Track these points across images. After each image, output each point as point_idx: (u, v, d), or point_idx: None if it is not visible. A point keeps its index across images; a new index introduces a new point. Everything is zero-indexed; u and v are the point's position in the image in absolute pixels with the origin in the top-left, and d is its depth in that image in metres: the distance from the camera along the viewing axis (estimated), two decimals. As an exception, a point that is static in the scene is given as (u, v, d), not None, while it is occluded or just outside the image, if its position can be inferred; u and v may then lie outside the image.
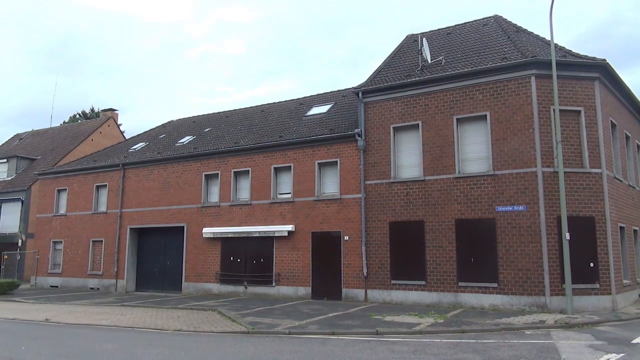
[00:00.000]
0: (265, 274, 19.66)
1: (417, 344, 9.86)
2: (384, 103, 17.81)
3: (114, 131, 39.46)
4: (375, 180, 17.60)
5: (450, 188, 16.18)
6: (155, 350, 9.72)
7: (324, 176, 19.18)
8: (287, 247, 19.22)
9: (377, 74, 19.14)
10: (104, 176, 25.50)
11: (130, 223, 23.99)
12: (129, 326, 13.00)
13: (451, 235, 15.95)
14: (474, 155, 16.13)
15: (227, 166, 21.44)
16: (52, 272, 26.61)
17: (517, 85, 15.56)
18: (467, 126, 16.38)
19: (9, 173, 34.95)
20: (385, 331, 11.16)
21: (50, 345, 10.44)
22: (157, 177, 23.49)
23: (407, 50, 20.54)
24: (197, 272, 21.54)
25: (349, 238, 17.88)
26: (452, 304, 15.47)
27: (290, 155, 19.82)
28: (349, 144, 18.41)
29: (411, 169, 17.15)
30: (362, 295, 17.24)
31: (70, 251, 26.02)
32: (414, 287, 16.30)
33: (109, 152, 28.55)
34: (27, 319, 14.71)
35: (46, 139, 39.72)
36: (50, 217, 27.20)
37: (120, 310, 16.67)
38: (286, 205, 19.56)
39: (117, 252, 24.07)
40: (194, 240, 21.78)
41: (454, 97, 16.54)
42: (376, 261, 17.16)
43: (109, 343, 10.53)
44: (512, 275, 14.80)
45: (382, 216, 17.27)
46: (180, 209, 22.46)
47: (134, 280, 24.03)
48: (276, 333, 11.42)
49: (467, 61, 17.24)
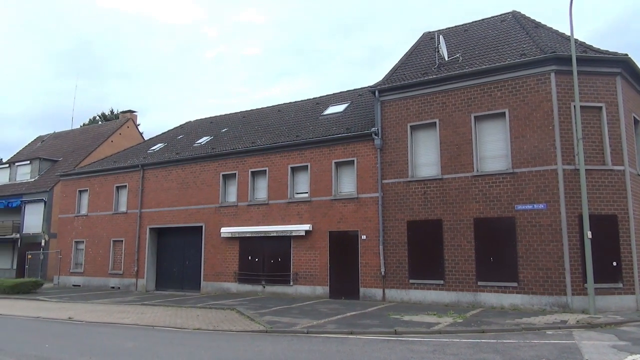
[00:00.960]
0: (283, 273, 19.72)
1: (436, 343, 9.79)
2: (401, 101, 17.72)
3: (133, 132, 40.03)
4: (392, 179, 17.52)
5: (468, 186, 16.03)
6: (175, 349, 9.83)
7: (340, 175, 19.16)
8: (305, 247, 19.26)
9: (394, 73, 19.05)
10: (124, 177, 25.87)
11: (150, 223, 24.30)
12: (149, 325, 13.18)
13: (470, 234, 15.79)
14: (493, 153, 15.95)
15: (245, 166, 21.57)
16: (74, 272, 27.10)
17: (536, 82, 15.34)
18: (485, 124, 16.20)
19: (32, 175, 35.72)
20: (403, 331, 11.11)
21: (74, 343, 10.63)
22: (176, 178, 23.75)
23: (424, 48, 20.39)
24: (215, 271, 21.72)
25: (366, 237, 17.83)
26: (471, 303, 15.32)
27: (307, 155, 19.85)
28: (365, 143, 18.37)
29: (429, 168, 17.03)
30: (379, 295, 17.19)
31: (91, 251, 26.47)
32: (433, 286, 16.19)
33: (128, 153, 28.96)
34: (50, 318, 15.01)
35: (67, 140, 40.47)
36: (72, 218, 27.70)
37: (141, 309, 16.90)
38: (303, 205, 19.60)
39: (137, 251, 24.40)
40: (212, 239, 21.97)
41: (471, 95, 16.37)
42: (394, 260, 17.09)
43: (130, 341, 10.69)
44: (532, 274, 14.60)
45: (400, 215, 17.19)
46: (198, 209, 22.67)
47: (153, 279, 24.33)
48: (294, 332, 11.45)
49: (485, 58, 17.05)
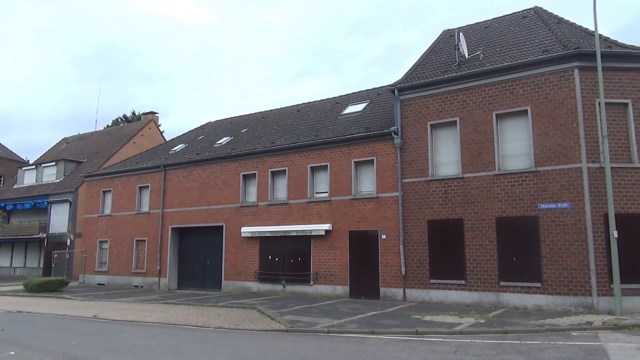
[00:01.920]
0: (303, 272, 19.78)
1: (458, 344, 9.70)
2: (421, 100, 17.59)
3: (154, 133, 40.62)
4: (412, 178, 17.41)
5: (490, 185, 15.83)
6: (197, 347, 9.95)
7: (360, 175, 19.12)
8: (325, 246, 19.28)
9: (414, 71, 18.92)
10: (146, 177, 26.27)
11: (172, 223, 24.63)
12: (172, 323, 13.36)
13: (492, 234, 15.60)
14: (515, 151, 15.72)
15: (264, 166, 21.69)
16: (98, 271, 27.63)
17: (559, 79, 15.06)
18: (507, 122, 15.98)
19: (57, 175, 36.52)
20: (425, 331, 11.03)
21: (99, 340, 10.85)
22: (197, 178, 24.01)
23: (444, 46, 20.21)
24: (236, 270, 21.90)
25: (386, 237, 17.77)
26: (493, 304, 15.14)
27: (327, 155, 19.86)
28: (385, 142, 18.29)
29: (449, 167, 16.88)
30: (400, 295, 17.10)
31: (115, 250, 26.95)
32: (454, 286, 16.05)
33: (150, 153, 29.39)
34: (76, 316, 15.33)
35: (91, 142, 41.27)
36: (97, 218, 28.24)
37: (164, 307, 17.14)
38: (323, 204, 19.62)
39: (160, 251, 24.75)
40: (232, 239, 22.15)
41: (493, 92, 16.17)
42: (414, 260, 16.98)
43: (154, 339, 10.86)
44: (556, 274, 14.35)
45: (420, 214, 17.07)
46: (219, 209, 22.89)
47: (175, 278, 24.66)
48: (315, 332, 11.48)
49: (506, 55, 16.82)
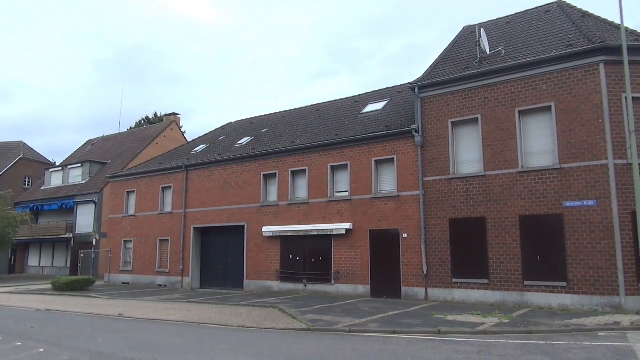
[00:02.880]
0: (324, 272, 19.80)
1: (482, 344, 9.59)
2: (442, 97, 17.43)
3: (176, 134, 41.17)
4: (433, 176, 17.26)
5: (513, 183, 15.59)
6: (220, 345, 10.05)
7: (380, 173, 19.04)
8: (346, 245, 19.26)
9: (434, 68, 18.75)
10: (169, 178, 26.63)
11: (194, 222, 24.92)
12: (195, 322, 13.53)
13: (515, 232, 15.37)
14: (539, 148, 15.45)
15: (285, 166, 21.77)
16: (123, 270, 28.14)
17: (584, 74, 14.75)
18: (530, 118, 15.71)
19: (83, 177, 37.32)
20: (447, 331, 10.94)
21: (124, 338, 11.04)
22: (218, 178, 24.24)
23: (465, 43, 19.98)
24: (258, 270, 22.04)
25: (407, 236, 17.66)
26: (517, 303, 14.91)
27: (347, 154, 19.83)
28: (405, 140, 18.18)
29: (471, 165, 16.68)
30: (422, 294, 16.98)
31: (139, 250, 27.41)
32: (477, 285, 15.86)
33: (172, 154, 29.79)
34: (102, 314, 15.65)
35: (115, 143, 42.04)
36: (121, 218, 28.75)
37: (187, 306, 17.36)
38: (343, 204, 19.60)
39: (183, 250, 25.07)
40: (254, 239, 22.30)
41: (515, 89, 15.92)
42: (436, 259, 16.84)
43: (178, 337, 11.01)
44: (582, 274, 14.06)
45: (442, 213, 16.92)
46: (240, 209, 23.07)
47: (198, 277, 24.95)
48: (337, 331, 11.48)
49: (529, 50, 16.53)
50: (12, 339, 10.65)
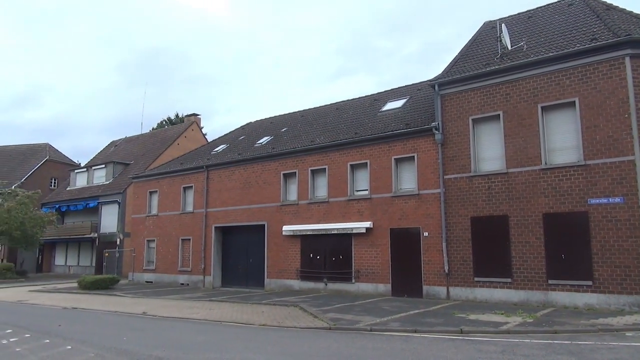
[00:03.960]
0: (345, 270, 19.79)
1: (505, 344, 9.46)
2: (462, 94, 17.24)
3: (197, 135, 41.61)
4: (454, 174, 17.09)
5: (536, 180, 15.34)
6: (242, 344, 10.14)
7: (400, 172, 18.94)
8: (366, 244, 19.21)
9: (454, 65, 18.55)
10: (190, 178, 26.94)
11: (215, 222, 25.16)
12: (217, 320, 13.67)
13: (538, 230, 15.11)
14: (562, 144, 15.16)
15: (304, 165, 21.81)
16: (146, 269, 28.58)
17: (609, 68, 14.41)
18: (553, 114, 15.43)
19: (107, 177, 38.02)
20: (470, 330, 10.83)
21: (149, 336, 11.23)
22: (238, 178, 24.42)
23: (485, 38, 19.71)
24: (278, 269, 22.15)
25: (428, 234, 17.53)
26: (541, 302, 14.67)
27: (366, 152, 19.77)
28: (425, 138, 18.04)
29: (493, 162, 16.46)
30: (443, 293, 16.84)
31: (162, 249, 27.80)
32: (499, 284, 15.65)
33: (193, 154, 30.13)
34: (126, 312, 15.93)
35: (138, 144, 42.69)
36: (144, 218, 29.20)
37: (209, 305, 17.55)
38: (363, 202, 19.55)
39: (204, 249, 25.34)
40: (274, 237, 22.41)
41: (538, 84, 15.65)
42: (458, 258, 16.68)
43: (201, 335, 11.14)
44: (608, 272, 13.75)
45: (463, 211, 16.74)
46: (260, 208, 23.20)
47: (219, 276, 25.18)
48: (358, 329, 11.47)
49: (551, 45, 16.23)
50: (41, 337, 10.93)
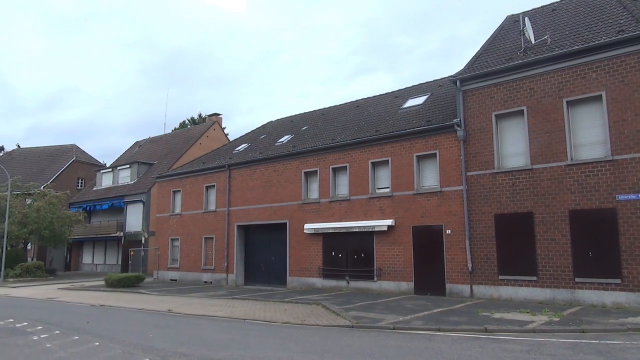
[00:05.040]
0: (367, 268, 19.74)
1: (531, 343, 9.32)
2: (484, 90, 17.00)
3: (219, 134, 42.02)
4: (477, 171, 16.88)
5: (561, 177, 15.03)
6: (266, 341, 10.22)
7: (422, 169, 18.79)
8: (388, 242, 19.13)
9: (476, 60, 18.30)
10: (212, 177, 27.22)
11: (237, 220, 25.38)
12: (240, 318, 13.80)
13: (565, 227, 14.81)
14: (589, 140, 14.82)
15: (325, 163, 21.82)
16: (171, 267, 29.01)
17: (637, 60, 14.02)
18: (579, 109, 15.09)
19: (131, 177, 38.69)
20: (494, 329, 10.69)
21: (174, 333, 11.41)
22: (260, 176, 24.57)
23: (508, 33, 19.40)
24: (300, 267, 22.22)
25: (451, 232, 17.36)
26: (568, 301, 14.39)
27: (388, 149, 19.67)
28: (447, 134, 17.85)
29: (516, 158, 16.20)
30: (467, 291, 16.66)
31: (185, 247, 28.18)
32: (524, 282, 15.40)
33: (215, 154, 30.43)
34: (152, 309, 16.20)
35: (161, 144, 43.33)
36: (168, 217, 29.64)
37: (232, 302, 17.73)
38: (385, 200, 19.46)
39: (227, 248, 25.60)
40: (296, 236, 22.49)
41: (563, 79, 15.32)
42: (481, 255, 16.47)
43: (224, 333, 11.27)
44: (638, 270, 13.39)
45: (486, 208, 16.52)
46: (282, 206, 23.31)
47: (242, 274, 25.40)
48: (380, 328, 11.44)
49: (576, 38, 15.88)
50: (70, 333, 11.21)
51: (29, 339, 10.59)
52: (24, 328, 12.10)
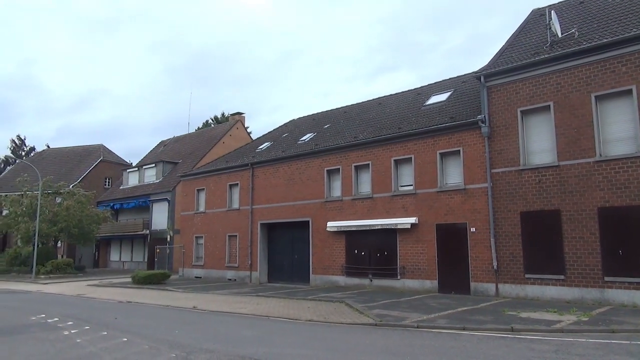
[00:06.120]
0: (390, 267, 19.65)
1: (559, 342, 9.14)
2: (509, 85, 16.71)
3: (242, 133, 42.36)
4: (502, 168, 16.61)
5: (590, 173, 14.68)
6: (290, 338, 10.28)
7: (446, 166, 18.59)
8: (411, 240, 19.00)
9: (500, 55, 18.00)
10: (236, 175, 27.47)
11: (261, 218, 25.55)
12: (264, 315, 13.90)
13: (593, 225, 14.47)
14: (618, 135, 14.43)
15: (348, 161, 21.78)
16: (195, 264, 29.41)
17: (670, 53, 13.58)
18: (608, 103, 14.70)
19: (157, 176, 39.34)
20: (521, 328, 10.52)
21: (199, 330, 11.58)
22: (283, 175, 24.68)
23: (533, 27, 19.02)
24: (323, 264, 22.25)
25: (475, 230, 17.14)
26: (596, 300, 14.05)
27: (410, 147, 19.52)
28: (471, 131, 17.62)
29: (543, 155, 15.88)
30: (492, 290, 16.43)
31: (210, 245, 28.52)
32: (552, 281, 15.11)
33: (238, 153, 30.68)
34: (178, 306, 16.46)
35: (185, 144, 43.93)
36: (192, 215, 30.03)
37: (256, 300, 17.87)
38: (408, 198, 19.33)
39: (250, 245, 25.80)
40: (319, 233, 22.53)
41: (591, 73, 14.95)
42: (507, 254, 16.22)
43: (249, 330, 11.38)
44: (671, 269, 13.00)
45: (512, 206, 16.25)
46: (304, 204, 23.37)
47: (266, 272, 25.58)
48: (404, 326, 11.38)
49: (605, 31, 15.46)
50: (99, 329, 11.48)
51: (60, 334, 10.89)
52: (55, 323, 12.44)
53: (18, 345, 9.62)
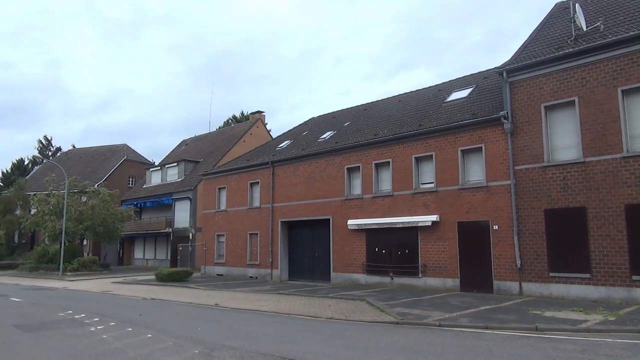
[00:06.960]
0: (411, 265, 19.54)
1: (585, 342, 8.96)
2: (533, 80, 16.41)
3: (262, 132, 42.58)
4: (525, 164, 16.35)
5: (617, 169, 14.34)
6: (311, 336, 10.31)
7: (467, 163, 18.38)
8: (432, 238, 18.85)
9: (523, 50, 17.69)
10: (256, 174, 27.63)
11: (281, 217, 25.66)
12: (285, 312, 13.97)
13: (620, 223, 14.13)
14: (647, 130, 14.04)
15: (368, 158, 21.71)
16: (217, 262, 29.70)
17: (701, 45, 13.15)
18: (635, 98, 14.33)
19: (179, 175, 39.85)
20: (545, 327, 10.34)
21: (221, 327, 11.70)
22: (303, 173, 24.73)
23: (557, 20, 18.64)
24: (344, 262, 22.25)
25: (498, 227, 16.91)
26: (624, 299, 13.73)
27: (431, 144, 19.35)
28: (493, 128, 17.37)
29: (567, 151, 15.57)
30: (515, 288, 16.19)
31: (231, 243, 28.77)
32: (577, 280, 14.81)
33: (259, 151, 30.86)
34: (200, 304, 16.66)
35: (206, 143, 44.37)
36: (214, 213, 30.33)
37: (277, 297, 17.97)
38: (429, 195, 19.17)
39: (271, 243, 25.94)
40: (339, 231, 22.52)
41: (617, 67, 14.58)
42: (531, 252, 15.96)
43: (270, 327, 11.45)
44: (703, 267, 12.62)
45: (536, 203, 15.98)
46: (325, 202, 23.38)
47: (286, 270, 25.69)
48: (426, 325, 11.30)
49: (632, 23, 15.06)
50: (124, 325, 11.70)
51: (86, 330, 11.14)
52: (82, 319, 12.72)
53: (47, 341, 9.87)
